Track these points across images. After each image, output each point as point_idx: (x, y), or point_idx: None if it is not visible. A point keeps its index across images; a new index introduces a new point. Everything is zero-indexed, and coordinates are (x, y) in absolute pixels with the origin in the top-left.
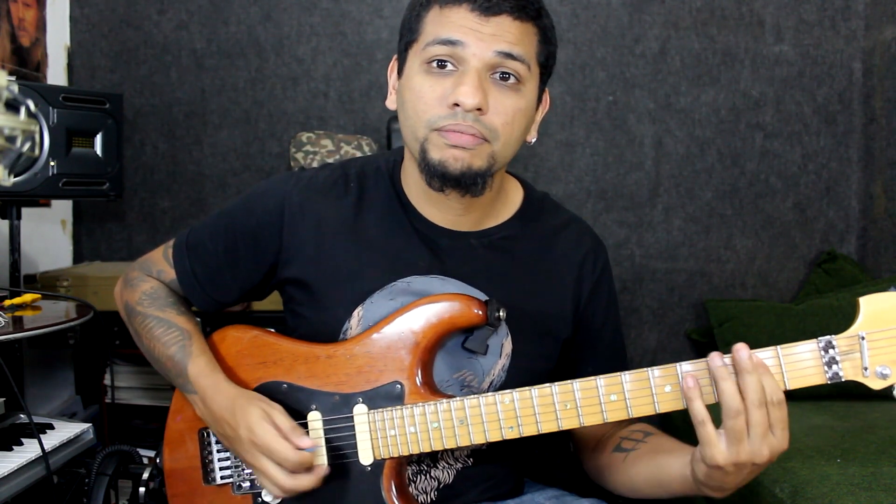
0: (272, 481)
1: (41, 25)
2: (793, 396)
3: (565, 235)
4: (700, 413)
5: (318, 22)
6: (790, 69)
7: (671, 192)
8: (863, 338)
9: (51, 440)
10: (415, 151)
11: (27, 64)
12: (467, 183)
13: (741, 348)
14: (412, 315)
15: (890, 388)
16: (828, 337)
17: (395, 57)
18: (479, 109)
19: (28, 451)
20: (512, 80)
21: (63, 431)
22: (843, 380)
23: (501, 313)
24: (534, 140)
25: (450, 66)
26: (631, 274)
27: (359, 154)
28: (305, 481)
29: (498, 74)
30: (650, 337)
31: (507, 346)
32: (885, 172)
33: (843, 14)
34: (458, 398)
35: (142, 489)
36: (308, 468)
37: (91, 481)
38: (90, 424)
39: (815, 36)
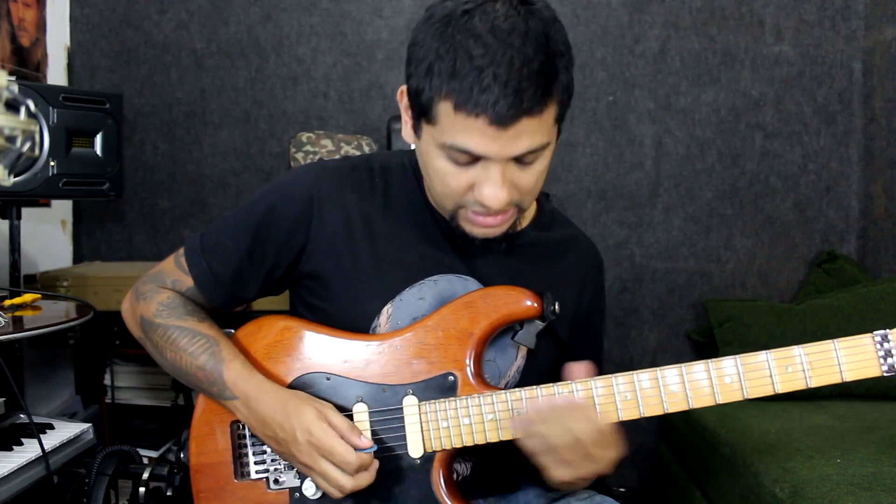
0: (333, 483)
1: (41, 25)
2: (793, 396)
3: (574, 247)
4: (526, 447)
5: (318, 22)
6: (790, 69)
7: (671, 192)
8: None
9: (51, 440)
10: (444, 212)
11: (27, 64)
12: (497, 242)
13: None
14: (466, 306)
15: None
16: (884, 331)
17: (404, 89)
18: None
19: (28, 451)
20: (532, 160)
21: (63, 431)
22: None
23: (556, 307)
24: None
25: (471, 161)
26: (631, 274)
27: (359, 154)
28: (365, 480)
29: (520, 162)
30: (650, 337)
31: (524, 349)
32: (885, 172)
33: (843, 14)
34: (515, 389)
35: (142, 489)
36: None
37: (91, 481)
38: (90, 424)
39: (815, 36)
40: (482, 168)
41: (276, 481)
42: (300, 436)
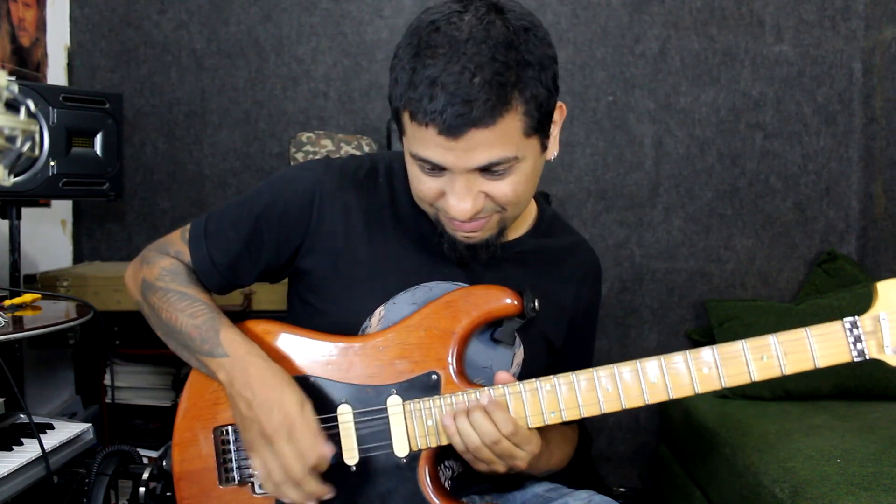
0: (285, 464)
1: (41, 25)
2: (793, 396)
3: (573, 255)
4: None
5: (318, 22)
6: (790, 69)
7: (671, 192)
8: (884, 318)
9: (51, 440)
10: (427, 213)
11: (27, 64)
12: (485, 250)
13: (483, 393)
14: (447, 305)
15: None
16: (852, 317)
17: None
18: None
19: (28, 451)
20: (501, 172)
21: (63, 431)
22: (867, 357)
23: (536, 304)
24: (555, 156)
25: (437, 169)
26: (631, 274)
27: (365, 153)
28: (313, 486)
29: (487, 173)
30: (650, 337)
31: (519, 356)
32: (885, 172)
33: (843, 14)
34: (498, 386)
35: (142, 489)
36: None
37: (91, 481)
38: (90, 424)
39: (815, 36)
40: (448, 178)
41: (261, 486)
42: (276, 413)
